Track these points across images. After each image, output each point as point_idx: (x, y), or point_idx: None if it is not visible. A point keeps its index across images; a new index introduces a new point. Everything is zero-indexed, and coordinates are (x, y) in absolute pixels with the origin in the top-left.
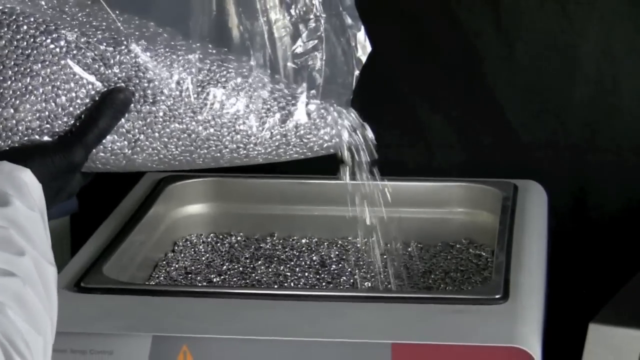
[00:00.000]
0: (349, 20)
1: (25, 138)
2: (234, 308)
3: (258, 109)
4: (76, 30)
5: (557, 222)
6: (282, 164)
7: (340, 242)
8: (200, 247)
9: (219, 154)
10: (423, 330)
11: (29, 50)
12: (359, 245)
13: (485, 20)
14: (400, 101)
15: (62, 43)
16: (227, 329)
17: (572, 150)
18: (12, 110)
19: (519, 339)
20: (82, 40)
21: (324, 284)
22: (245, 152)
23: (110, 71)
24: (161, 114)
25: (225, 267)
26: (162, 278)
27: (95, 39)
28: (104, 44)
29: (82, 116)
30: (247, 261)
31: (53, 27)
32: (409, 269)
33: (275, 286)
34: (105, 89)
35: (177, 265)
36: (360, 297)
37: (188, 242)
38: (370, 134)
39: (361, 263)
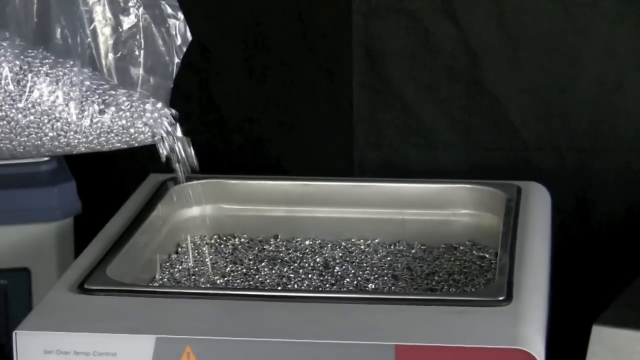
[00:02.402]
0: (168, 10)
1: None
2: (237, 309)
3: (77, 98)
4: None
5: (560, 223)
6: (286, 166)
7: (343, 243)
8: (204, 248)
9: (39, 142)
10: (426, 331)
11: None
12: (361, 246)
13: (488, 20)
14: (403, 102)
15: None
16: (231, 330)
17: (575, 152)
18: None
19: (523, 340)
20: None
21: (327, 285)
22: (66, 140)
23: None
24: None
25: (228, 268)
26: (165, 280)
27: None
28: None
29: None
30: (251, 263)
31: None
32: (412, 271)
33: (279, 288)
34: None
35: (180, 267)
36: (363, 298)
37: (191, 244)
38: (179, 129)
39: (365, 265)
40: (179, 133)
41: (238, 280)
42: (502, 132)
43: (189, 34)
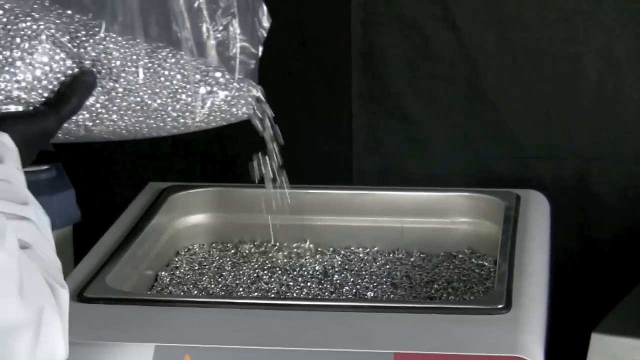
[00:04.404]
0: None
1: (4, 107)
2: (236, 318)
3: (192, 81)
4: (54, 16)
5: (559, 231)
6: (285, 174)
7: (342, 251)
8: (203, 256)
9: (162, 123)
10: (425, 340)
11: (10, 26)
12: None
13: (487, 29)
14: (402, 111)
15: (41, 23)
16: (230, 338)
17: (574, 160)
18: None
19: (522, 348)
20: (59, 22)
21: (326, 293)
22: (183, 120)
23: (82, 51)
24: (121, 89)
25: (227, 276)
26: (164, 287)
27: (72, 26)
28: (80, 29)
29: (56, 90)
30: (250, 271)
31: (34, 15)
32: (411, 279)
33: (278, 296)
34: (76, 66)
35: (179, 275)
36: (362, 306)
37: (191, 252)
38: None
39: (364, 273)
40: (269, 110)
41: (237, 288)
42: (501, 140)
43: (268, 20)
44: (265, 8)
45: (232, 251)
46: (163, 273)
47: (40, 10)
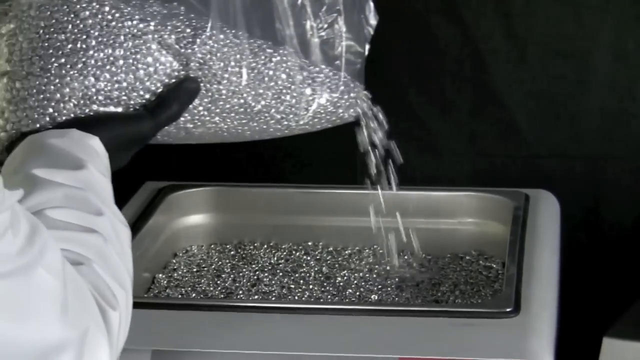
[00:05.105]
0: None
1: (102, 108)
2: (235, 321)
3: (297, 82)
4: (160, 15)
5: (569, 232)
6: (287, 174)
7: (345, 253)
8: (202, 258)
9: (265, 126)
10: (432, 344)
11: (114, 23)
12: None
13: (495, 25)
14: (409, 109)
15: (149, 23)
16: (229, 343)
17: (585, 159)
18: (93, 79)
19: (531, 353)
20: (167, 23)
21: (329, 296)
22: (287, 123)
23: (189, 51)
24: (224, 91)
25: (226, 279)
26: (161, 290)
27: (178, 26)
28: (185, 29)
29: (157, 94)
30: (250, 273)
31: (141, 14)
32: (416, 281)
33: (279, 299)
34: (182, 69)
35: (177, 277)
36: (366, 310)
37: (189, 253)
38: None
39: (367, 275)
40: (377, 111)
41: (237, 291)
42: (509, 138)
43: (375, 16)
44: (372, 5)
45: (233, 252)
46: (160, 275)
47: (148, 10)
